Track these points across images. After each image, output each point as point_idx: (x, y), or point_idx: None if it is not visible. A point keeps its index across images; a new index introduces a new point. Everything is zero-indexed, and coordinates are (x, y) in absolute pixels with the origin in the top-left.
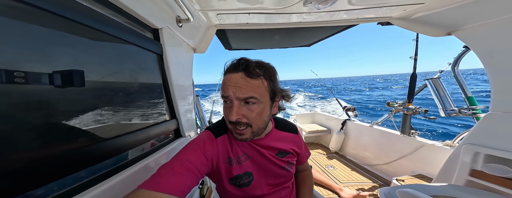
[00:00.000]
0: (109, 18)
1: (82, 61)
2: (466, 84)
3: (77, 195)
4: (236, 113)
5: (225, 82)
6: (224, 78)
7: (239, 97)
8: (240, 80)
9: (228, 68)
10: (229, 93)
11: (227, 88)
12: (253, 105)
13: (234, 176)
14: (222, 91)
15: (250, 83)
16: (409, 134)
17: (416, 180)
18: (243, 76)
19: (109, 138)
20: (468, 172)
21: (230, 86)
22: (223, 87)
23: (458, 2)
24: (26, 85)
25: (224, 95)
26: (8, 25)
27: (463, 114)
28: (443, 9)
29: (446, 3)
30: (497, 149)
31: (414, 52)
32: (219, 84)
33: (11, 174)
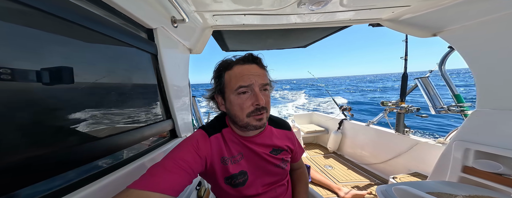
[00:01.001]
0: (103, 18)
1: (76, 61)
2: (453, 83)
3: (69, 194)
4: (262, 98)
5: (242, 72)
6: (238, 70)
7: (260, 84)
8: (257, 70)
9: (238, 61)
10: (252, 81)
11: (248, 78)
12: (267, 91)
13: (229, 176)
14: (240, 82)
15: (264, 73)
16: (403, 132)
17: (412, 178)
18: (258, 67)
19: (102, 137)
20: (460, 168)
21: (251, 75)
22: (240, 78)
23: (442, 5)
24: (19, 84)
25: (244, 85)
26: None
27: (452, 111)
28: (428, 11)
29: (430, 6)
30: (486, 145)
31: (404, 53)
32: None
33: (1, 172)
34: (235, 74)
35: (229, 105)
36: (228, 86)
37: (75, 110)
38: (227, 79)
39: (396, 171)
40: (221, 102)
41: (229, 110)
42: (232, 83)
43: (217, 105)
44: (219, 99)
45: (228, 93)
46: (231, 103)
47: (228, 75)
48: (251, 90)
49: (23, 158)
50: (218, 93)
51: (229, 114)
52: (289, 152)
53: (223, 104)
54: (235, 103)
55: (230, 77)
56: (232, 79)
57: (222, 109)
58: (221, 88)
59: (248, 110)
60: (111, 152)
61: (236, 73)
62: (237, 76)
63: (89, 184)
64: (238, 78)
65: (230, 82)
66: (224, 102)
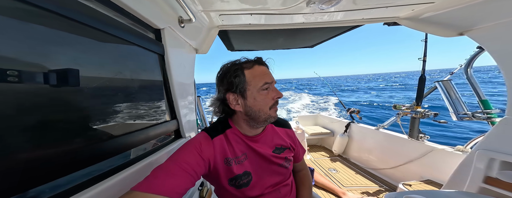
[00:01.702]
0: (112, 18)
1: (84, 61)
2: (480, 87)
3: (75, 194)
4: (280, 92)
5: (264, 71)
6: (259, 69)
7: (275, 81)
8: (269, 71)
9: (255, 62)
10: (272, 79)
11: (269, 76)
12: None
13: (234, 177)
14: (265, 79)
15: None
16: (418, 138)
17: (424, 186)
18: (268, 68)
19: (108, 138)
20: (482, 179)
21: (269, 74)
22: (265, 76)
23: (470, 1)
24: (28, 85)
25: (268, 81)
26: (11, 25)
27: (477, 118)
28: (454, 9)
29: (457, 3)
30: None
31: (422, 53)
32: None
33: (8, 173)
34: (258, 73)
35: (253, 101)
36: (251, 84)
37: (83, 110)
38: (249, 77)
39: (407, 178)
40: (235, 101)
41: (251, 106)
42: (257, 81)
43: (226, 107)
44: (233, 98)
45: (252, 91)
46: (255, 98)
47: (250, 73)
48: (270, 86)
49: (29, 159)
50: (237, 92)
51: (249, 110)
52: (291, 150)
53: (239, 103)
54: (260, 98)
55: (253, 75)
56: (256, 77)
57: (237, 108)
58: (242, 87)
59: (270, 103)
60: (117, 153)
61: (259, 72)
62: (261, 75)
63: (96, 185)
64: (263, 76)
65: (253, 79)
66: (243, 100)
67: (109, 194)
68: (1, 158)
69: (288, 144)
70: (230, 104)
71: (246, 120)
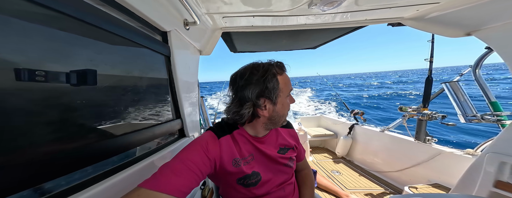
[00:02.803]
0: (122, 21)
1: (98, 62)
2: (490, 89)
3: (80, 191)
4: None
5: (289, 79)
6: (286, 77)
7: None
8: None
9: (283, 67)
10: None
11: (291, 84)
12: None
13: (242, 177)
14: (291, 87)
15: None
16: (425, 140)
17: (431, 189)
18: None
19: (114, 135)
20: (492, 183)
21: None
22: (290, 84)
23: (477, 1)
24: (41, 84)
25: (292, 88)
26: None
27: (486, 120)
28: (460, 9)
29: (463, 2)
30: None
31: (429, 54)
32: (224, 82)
33: (16, 169)
34: (287, 80)
35: (281, 107)
36: (283, 90)
37: (94, 109)
38: (282, 83)
39: (413, 181)
40: (264, 106)
41: (278, 112)
42: (287, 87)
43: (255, 111)
44: (264, 104)
45: (282, 97)
46: (283, 105)
47: (282, 80)
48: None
49: (36, 156)
50: (268, 98)
51: (276, 116)
52: (295, 150)
53: (267, 108)
54: (286, 104)
55: (284, 82)
56: (286, 84)
57: (264, 114)
58: (275, 92)
59: (289, 108)
60: (123, 150)
61: (288, 79)
62: (289, 82)
63: (101, 182)
64: (289, 83)
65: (285, 86)
66: (273, 105)
67: (115, 190)
68: (13, 154)
69: (292, 144)
70: (261, 109)
71: (266, 124)
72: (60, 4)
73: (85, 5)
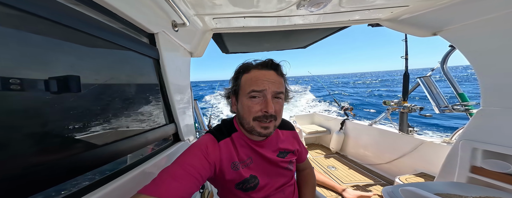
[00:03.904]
0: (105, 23)
1: (79, 67)
2: (457, 81)
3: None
4: (272, 106)
5: (257, 77)
6: (254, 74)
7: (274, 91)
8: (274, 77)
9: (257, 65)
10: (266, 87)
11: (262, 83)
12: (280, 99)
13: (241, 181)
14: (253, 86)
15: (280, 80)
16: (407, 131)
17: (418, 179)
18: (275, 74)
19: (106, 143)
20: (468, 168)
21: (266, 81)
22: (254, 83)
23: (441, 4)
24: (23, 92)
25: (257, 89)
26: (4, 32)
27: (456, 110)
28: (427, 11)
29: (429, 5)
30: (493, 144)
31: (404, 52)
32: (221, 81)
33: (8, 180)
34: (250, 78)
35: (240, 106)
36: (242, 89)
37: (79, 116)
38: (243, 81)
39: (402, 172)
40: (234, 102)
41: (239, 111)
42: (246, 86)
43: (231, 105)
44: (233, 100)
45: (241, 96)
46: (241, 104)
47: (244, 78)
48: (263, 96)
49: (29, 166)
50: (233, 94)
51: (238, 115)
52: (295, 153)
53: (235, 104)
54: (245, 105)
55: (246, 80)
56: (247, 82)
57: (233, 109)
58: (236, 90)
59: (255, 114)
60: (116, 157)
61: (252, 77)
62: (252, 80)
63: (96, 190)
64: (253, 82)
65: (245, 84)
66: (237, 103)
67: (112, 197)
68: (4, 164)
69: (293, 147)
70: (232, 103)
71: (241, 124)
72: (34, 7)
73: (61, 7)
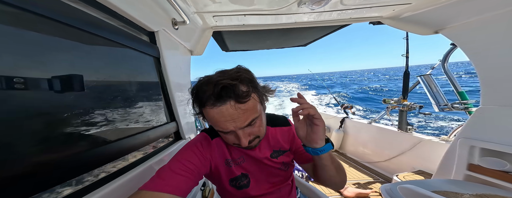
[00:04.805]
0: (105, 22)
1: (80, 66)
2: (457, 80)
3: (81, 197)
4: (246, 140)
5: (216, 120)
6: (211, 115)
7: (242, 126)
8: (235, 112)
9: (208, 100)
10: (230, 128)
11: (225, 124)
12: (255, 123)
13: (234, 177)
14: (218, 127)
15: (246, 109)
16: (406, 130)
17: (416, 176)
18: (236, 105)
19: (109, 141)
20: (466, 166)
21: (227, 122)
22: (216, 124)
23: (443, 2)
24: (25, 91)
25: (224, 131)
26: (4, 31)
27: (456, 108)
28: (429, 9)
29: (431, 3)
30: (491, 142)
31: (405, 50)
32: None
33: (12, 178)
34: (210, 118)
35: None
36: (209, 121)
37: (81, 115)
38: (205, 115)
39: (400, 169)
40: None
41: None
42: (212, 123)
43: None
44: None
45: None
46: (217, 131)
47: (205, 113)
48: (232, 132)
49: (32, 164)
50: (204, 119)
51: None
52: (291, 152)
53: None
54: (220, 134)
55: (208, 117)
56: (210, 120)
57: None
58: (204, 118)
59: (233, 143)
60: (119, 156)
61: (210, 118)
62: (213, 121)
63: (100, 188)
64: (215, 124)
65: (209, 121)
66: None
67: (115, 195)
68: (6, 163)
69: (287, 145)
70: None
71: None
72: (34, 5)
73: (61, 5)
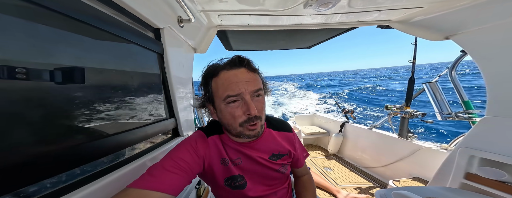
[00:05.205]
0: (112, 17)
1: (84, 59)
2: (463, 89)
3: (70, 192)
4: (254, 107)
5: (229, 80)
6: (224, 77)
7: (251, 91)
8: (246, 75)
9: (225, 65)
10: (241, 90)
11: (237, 86)
12: (260, 97)
13: (229, 177)
14: (228, 91)
15: (255, 77)
16: (407, 137)
17: (412, 183)
18: (247, 71)
19: (106, 135)
20: (463, 175)
21: (239, 83)
22: (228, 87)
23: (457, 7)
24: (26, 82)
25: (232, 94)
26: (13, 23)
27: (460, 118)
28: (442, 13)
29: (445, 8)
30: (492, 152)
31: (412, 56)
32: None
33: (1, 171)
34: (222, 82)
35: (220, 114)
36: (216, 95)
37: (83, 108)
38: (214, 87)
39: (397, 175)
40: (212, 110)
41: (220, 119)
42: (220, 92)
43: (210, 113)
44: (210, 108)
45: (218, 103)
46: (221, 112)
47: (215, 83)
48: (241, 98)
49: (24, 157)
50: (208, 102)
51: (221, 122)
52: (290, 156)
53: (214, 112)
54: (226, 112)
55: (217, 85)
56: (219, 88)
57: (214, 117)
58: (210, 97)
59: (240, 119)
60: (114, 150)
61: (223, 80)
62: (225, 85)
63: (91, 183)
64: (226, 87)
65: (217, 90)
66: (215, 110)
67: (105, 192)
68: (4, 154)
69: (287, 150)
70: (210, 111)
71: (227, 131)
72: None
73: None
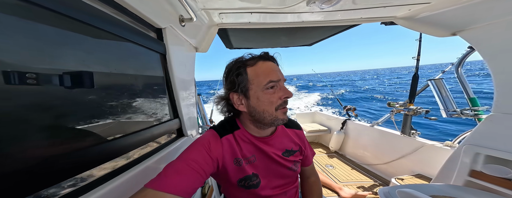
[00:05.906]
0: (114, 17)
1: (87, 61)
2: (469, 86)
3: (83, 195)
4: (290, 91)
5: (269, 68)
6: (264, 66)
7: (284, 79)
8: (277, 67)
9: (260, 57)
10: (280, 77)
11: (276, 73)
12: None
13: (243, 177)
14: (270, 77)
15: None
16: (410, 134)
17: (415, 180)
18: (275, 64)
19: (113, 138)
20: (467, 172)
21: (276, 71)
22: (269, 73)
23: (464, 2)
24: (31, 86)
25: (274, 80)
26: (13, 24)
27: (465, 115)
28: (449, 9)
29: (452, 3)
30: (497, 150)
31: (416, 53)
32: (221, 80)
33: (17, 175)
34: (262, 70)
35: (256, 101)
36: (254, 83)
37: (88, 111)
38: (251, 75)
39: (399, 173)
40: (239, 101)
41: (255, 107)
42: (261, 79)
43: (230, 107)
44: (236, 98)
45: (255, 90)
46: (259, 98)
47: (252, 71)
48: (277, 85)
49: (39, 161)
50: (239, 92)
51: (253, 111)
52: (301, 153)
53: (243, 103)
54: (265, 98)
55: (256, 73)
56: (260, 75)
57: (240, 108)
58: (244, 86)
59: (277, 104)
60: (123, 152)
61: (263, 69)
62: (266, 72)
63: (103, 184)
64: (268, 74)
65: (257, 78)
66: (247, 100)
67: (118, 192)
68: (14, 159)
69: (298, 146)
70: (234, 104)
71: (252, 121)
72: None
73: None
